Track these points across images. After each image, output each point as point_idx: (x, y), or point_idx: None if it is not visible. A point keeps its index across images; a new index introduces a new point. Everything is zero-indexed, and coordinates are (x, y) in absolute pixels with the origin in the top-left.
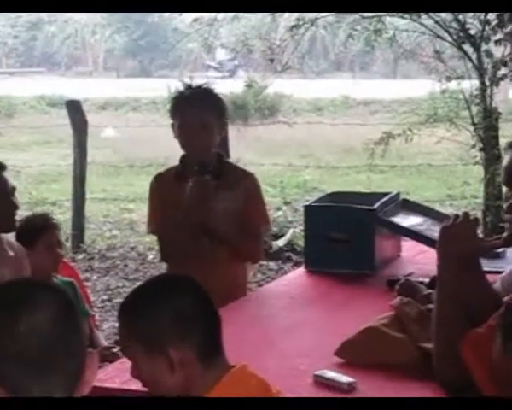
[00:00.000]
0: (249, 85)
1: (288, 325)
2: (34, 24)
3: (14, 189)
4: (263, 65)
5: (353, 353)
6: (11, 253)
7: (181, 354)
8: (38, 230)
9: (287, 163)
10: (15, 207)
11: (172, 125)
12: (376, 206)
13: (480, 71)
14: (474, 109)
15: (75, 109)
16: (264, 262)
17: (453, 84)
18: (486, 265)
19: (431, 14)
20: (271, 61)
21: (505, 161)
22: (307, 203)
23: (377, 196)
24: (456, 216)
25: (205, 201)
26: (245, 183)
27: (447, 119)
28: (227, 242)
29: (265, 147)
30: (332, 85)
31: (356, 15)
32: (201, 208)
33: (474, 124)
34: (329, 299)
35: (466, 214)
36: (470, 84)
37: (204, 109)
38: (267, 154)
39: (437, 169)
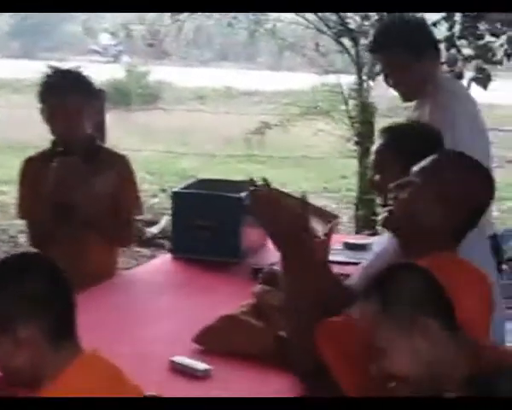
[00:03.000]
0: (129, 71)
1: (148, 310)
2: None
3: None
4: (147, 51)
5: (212, 340)
6: None
7: (27, 334)
8: None
9: (166, 150)
10: None
11: (41, 110)
12: (244, 194)
13: (358, 65)
14: (353, 103)
15: None
16: (137, 249)
17: (334, 78)
18: (351, 256)
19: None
20: (150, 45)
21: (374, 146)
22: (175, 189)
23: (246, 184)
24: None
25: (70, 182)
26: (118, 166)
27: (325, 112)
28: (97, 226)
29: (145, 134)
30: (216, 75)
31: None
32: (66, 189)
33: (350, 118)
34: (193, 286)
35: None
36: (350, 79)
37: (71, 93)
38: (147, 140)
39: (315, 162)
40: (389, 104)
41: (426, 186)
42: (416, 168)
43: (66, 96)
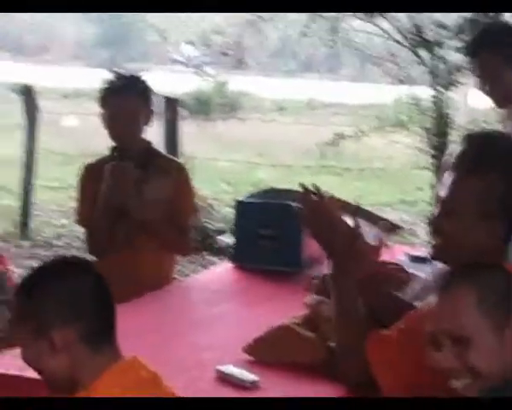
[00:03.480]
0: (210, 81)
1: (203, 317)
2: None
3: None
4: (230, 61)
5: (262, 350)
6: None
7: (64, 337)
8: None
9: (243, 160)
10: None
11: (101, 116)
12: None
13: (434, 76)
14: (430, 115)
15: (27, 95)
16: (209, 257)
17: (412, 90)
18: (413, 268)
19: (387, 16)
20: (225, 55)
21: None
22: (239, 198)
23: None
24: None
25: (123, 186)
26: (174, 172)
27: (402, 124)
28: (152, 232)
29: (224, 143)
30: (298, 86)
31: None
32: (119, 194)
33: (426, 129)
34: (251, 295)
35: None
36: (426, 90)
37: (129, 98)
38: (225, 150)
39: (392, 174)
40: (466, 116)
41: (469, 211)
42: (451, 191)
43: (122, 101)
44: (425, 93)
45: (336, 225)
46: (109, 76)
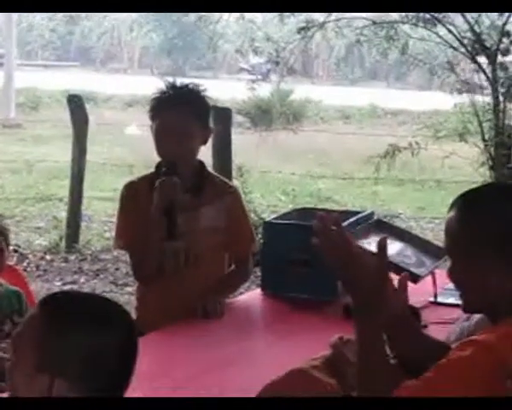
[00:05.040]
0: (274, 89)
1: (225, 354)
2: (72, 18)
3: None
4: (297, 70)
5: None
6: None
7: (64, 388)
8: None
9: (304, 171)
10: None
11: (151, 128)
12: (343, 225)
13: (494, 85)
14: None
15: (76, 105)
16: None
17: (473, 99)
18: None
19: (446, 23)
20: (277, 64)
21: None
22: (268, 219)
23: (349, 214)
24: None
25: (172, 203)
26: (228, 197)
27: (457, 133)
28: (208, 262)
29: (285, 153)
30: (363, 94)
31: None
32: (168, 212)
33: (484, 140)
34: (280, 327)
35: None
36: (484, 99)
37: (185, 113)
38: (286, 160)
39: (459, 185)
40: None
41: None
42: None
43: (174, 114)
44: (485, 103)
45: (357, 259)
46: (163, 86)
